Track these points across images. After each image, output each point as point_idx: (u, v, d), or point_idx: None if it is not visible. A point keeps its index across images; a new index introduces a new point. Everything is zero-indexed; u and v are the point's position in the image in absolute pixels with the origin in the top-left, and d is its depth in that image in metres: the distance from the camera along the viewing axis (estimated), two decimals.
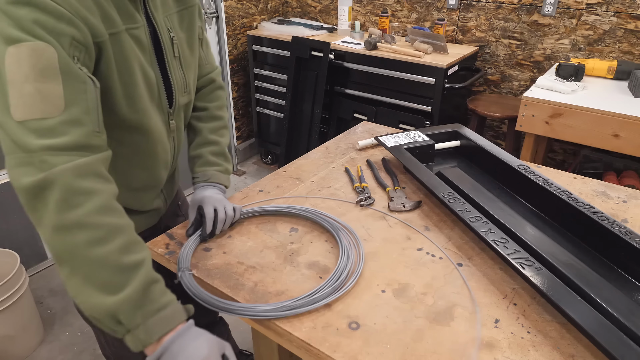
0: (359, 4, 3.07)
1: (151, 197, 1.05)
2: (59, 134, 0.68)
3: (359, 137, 1.54)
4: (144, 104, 0.87)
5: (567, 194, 1.06)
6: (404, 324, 0.80)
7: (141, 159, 0.94)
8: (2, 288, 1.69)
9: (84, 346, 1.91)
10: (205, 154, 1.08)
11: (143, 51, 0.86)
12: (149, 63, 0.88)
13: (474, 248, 0.99)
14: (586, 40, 2.39)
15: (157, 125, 0.93)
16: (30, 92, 0.66)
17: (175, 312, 0.70)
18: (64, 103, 0.68)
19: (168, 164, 1.03)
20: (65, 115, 0.68)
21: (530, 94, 1.96)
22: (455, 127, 1.42)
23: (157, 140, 0.94)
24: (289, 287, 0.88)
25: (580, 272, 0.84)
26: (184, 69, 0.97)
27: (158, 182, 1.04)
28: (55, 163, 0.67)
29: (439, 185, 1.10)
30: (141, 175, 0.97)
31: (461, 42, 2.77)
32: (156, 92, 0.91)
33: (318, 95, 2.74)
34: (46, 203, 0.67)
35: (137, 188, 0.98)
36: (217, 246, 1.00)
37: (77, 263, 0.66)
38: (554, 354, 0.74)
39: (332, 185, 1.24)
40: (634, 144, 1.77)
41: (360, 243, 0.99)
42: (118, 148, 0.84)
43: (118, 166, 0.87)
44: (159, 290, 0.71)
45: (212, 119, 1.13)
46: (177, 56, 0.94)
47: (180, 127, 1.04)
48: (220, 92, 1.17)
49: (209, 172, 1.07)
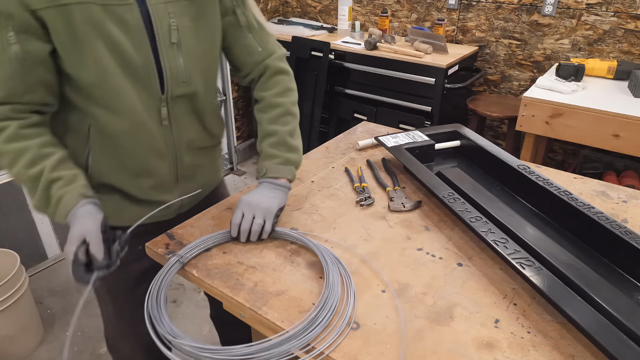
0: (359, 4, 3.07)
1: (150, 185, 1.03)
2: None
3: (359, 137, 1.54)
4: (112, 83, 0.88)
5: (567, 194, 1.06)
6: (404, 324, 0.80)
7: (122, 139, 0.95)
8: (2, 288, 1.69)
9: (84, 346, 1.91)
10: (264, 148, 1.04)
11: (126, 31, 0.86)
12: (135, 45, 0.87)
13: (474, 248, 0.99)
14: (586, 40, 2.39)
15: (139, 109, 0.92)
16: None
17: (69, 199, 0.85)
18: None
19: (162, 152, 1.01)
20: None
21: (530, 94, 1.96)
22: (455, 127, 1.42)
23: (138, 123, 0.94)
24: (289, 287, 0.88)
25: (580, 272, 0.83)
26: (184, 57, 0.94)
27: (152, 169, 1.01)
28: None
29: (439, 185, 1.10)
30: (128, 158, 0.98)
31: (461, 42, 2.77)
32: (142, 75, 0.90)
33: (318, 95, 2.74)
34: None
35: (129, 173, 1.00)
36: (217, 246, 1.00)
37: (18, 181, 0.86)
38: (554, 354, 0.74)
39: (332, 185, 1.24)
40: (634, 144, 1.77)
41: (350, 279, 0.88)
42: (101, 126, 0.92)
43: (107, 149, 0.95)
44: (56, 187, 0.85)
45: (270, 107, 1.06)
46: (175, 43, 0.92)
47: (178, 118, 1.00)
48: (279, 77, 1.09)
49: (267, 164, 1.02)
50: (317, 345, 0.75)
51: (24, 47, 0.81)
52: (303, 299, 0.85)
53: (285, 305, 0.84)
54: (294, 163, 1.04)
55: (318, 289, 0.88)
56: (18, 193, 2.17)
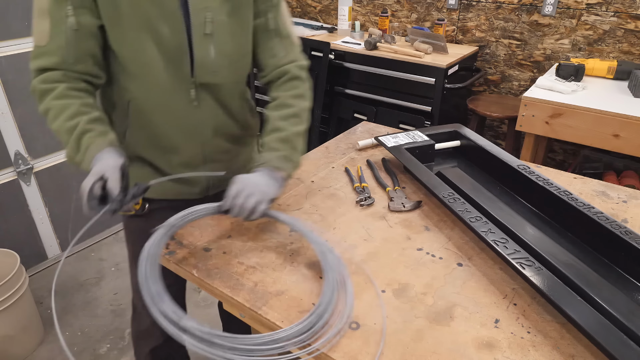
0: (359, 4, 3.07)
1: (178, 162, 1.11)
2: (41, 58, 0.94)
3: (359, 137, 1.54)
4: (148, 60, 0.97)
5: (567, 194, 1.06)
6: (403, 324, 0.80)
7: (154, 115, 1.04)
8: (2, 288, 1.69)
9: (84, 346, 1.91)
10: (269, 141, 1.05)
11: (162, 14, 0.94)
12: (172, 28, 0.96)
13: (474, 248, 0.99)
14: (586, 40, 2.39)
15: (170, 87, 1.01)
16: (34, 24, 0.93)
17: (97, 146, 0.92)
18: (49, 37, 0.92)
19: (188, 131, 1.08)
20: (47, 46, 0.92)
21: (530, 94, 1.96)
22: (455, 127, 1.42)
23: (166, 100, 1.03)
24: (289, 287, 0.88)
25: (580, 272, 0.83)
26: (216, 50, 1.01)
27: (178, 146, 1.09)
28: (35, 77, 0.95)
29: (439, 185, 1.10)
30: (158, 133, 1.06)
31: (461, 42, 2.77)
32: (175, 56, 0.99)
33: (318, 95, 2.74)
34: (38, 104, 0.96)
35: (160, 148, 1.09)
36: (217, 246, 1.00)
37: (60, 137, 0.94)
38: (554, 354, 0.74)
39: (332, 185, 1.24)
40: (634, 144, 1.77)
41: (347, 281, 0.88)
42: (137, 101, 1.02)
43: (143, 123, 1.04)
44: (87, 137, 0.92)
45: (282, 106, 1.09)
46: (209, 34, 0.99)
47: (205, 102, 1.06)
48: (297, 82, 1.12)
49: (266, 157, 1.01)
50: (320, 341, 0.75)
51: (79, 20, 0.91)
52: (303, 299, 0.85)
53: (285, 305, 0.84)
54: (294, 162, 1.05)
55: (318, 289, 0.88)
56: (18, 193, 2.17)
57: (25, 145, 2.15)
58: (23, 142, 2.13)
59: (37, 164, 2.21)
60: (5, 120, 2.04)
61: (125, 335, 1.96)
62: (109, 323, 2.03)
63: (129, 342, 1.93)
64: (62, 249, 2.43)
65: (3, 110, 2.03)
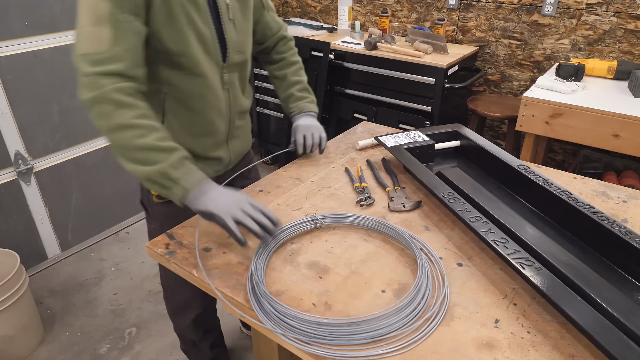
0: (359, 4, 3.07)
1: (210, 144, 1.21)
2: (106, 64, 0.94)
3: (359, 137, 1.54)
4: (194, 53, 1.06)
5: (567, 194, 1.06)
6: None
7: (195, 102, 1.12)
8: (2, 288, 1.69)
9: (84, 346, 1.91)
10: (294, 92, 1.38)
11: (197, 10, 1.04)
12: (204, 21, 1.06)
13: (474, 248, 0.99)
14: (586, 40, 2.39)
15: (210, 74, 1.11)
16: (87, 33, 0.94)
17: (200, 173, 0.99)
18: (111, 43, 0.94)
19: (222, 112, 1.19)
20: (111, 51, 0.94)
21: (530, 94, 1.96)
22: (455, 127, 1.42)
23: (209, 86, 1.12)
24: (289, 287, 0.88)
25: (580, 272, 0.83)
26: (237, 31, 1.15)
27: (214, 128, 1.19)
28: (104, 84, 0.93)
29: (439, 185, 1.10)
30: (197, 120, 1.15)
31: (461, 42, 2.77)
32: (211, 46, 1.09)
33: (318, 95, 2.74)
34: (100, 111, 0.94)
35: (195, 133, 1.17)
36: (217, 246, 1.00)
37: (128, 152, 0.95)
38: (554, 354, 0.74)
39: (332, 185, 1.24)
40: (634, 144, 1.77)
41: (439, 263, 0.93)
42: (177, 93, 1.10)
43: (180, 113, 1.12)
44: (188, 162, 0.99)
45: (290, 64, 1.41)
46: (232, 19, 1.13)
47: (234, 83, 1.20)
48: (290, 42, 1.43)
49: (301, 104, 1.38)
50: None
51: (135, 25, 0.97)
52: (303, 299, 0.85)
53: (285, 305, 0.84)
54: (315, 103, 1.41)
55: (318, 289, 0.88)
56: (18, 193, 2.17)
57: (25, 145, 2.15)
58: (23, 142, 2.13)
59: (37, 164, 2.21)
60: (5, 120, 2.04)
61: (125, 335, 1.96)
62: (109, 323, 2.03)
63: (129, 342, 1.93)
64: (62, 249, 2.43)
65: (3, 110, 2.03)
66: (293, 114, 1.39)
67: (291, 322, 0.79)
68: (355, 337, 0.76)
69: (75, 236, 2.47)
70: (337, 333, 0.76)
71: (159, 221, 1.27)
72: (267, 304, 0.82)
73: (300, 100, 1.38)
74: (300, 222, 1.04)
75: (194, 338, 1.56)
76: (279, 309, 0.81)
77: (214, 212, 0.93)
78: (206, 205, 0.94)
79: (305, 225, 1.04)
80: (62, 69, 2.18)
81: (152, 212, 1.30)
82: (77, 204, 2.42)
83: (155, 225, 1.29)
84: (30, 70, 2.08)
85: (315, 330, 0.77)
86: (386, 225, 1.03)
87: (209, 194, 0.96)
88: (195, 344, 1.60)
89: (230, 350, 1.83)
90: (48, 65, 2.13)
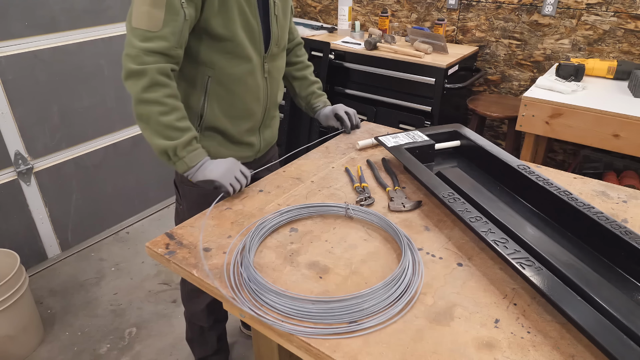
0: (359, 4, 3.07)
1: (246, 128, 1.32)
2: (153, 41, 1.07)
3: (359, 137, 1.55)
4: (240, 39, 1.18)
5: (567, 194, 1.06)
6: (404, 324, 0.80)
7: (236, 85, 1.23)
8: (2, 288, 1.69)
9: (84, 346, 1.91)
10: (315, 90, 1.59)
11: (248, 3, 1.17)
12: (252, 14, 1.19)
13: (474, 248, 0.99)
14: (586, 40, 2.39)
15: (252, 60, 1.23)
16: (144, 11, 1.06)
17: (202, 152, 1.18)
18: (162, 24, 1.07)
19: (260, 99, 1.31)
20: (160, 32, 1.07)
21: (530, 94, 1.96)
22: (455, 127, 1.42)
23: (251, 72, 1.24)
24: (289, 287, 0.88)
25: (580, 272, 0.83)
26: (279, 26, 1.28)
27: (251, 113, 1.31)
28: (148, 62, 1.07)
29: (439, 185, 1.10)
30: (236, 103, 1.26)
31: (461, 42, 2.77)
32: (256, 37, 1.22)
33: None
34: (138, 83, 1.08)
35: (234, 116, 1.28)
36: (217, 246, 1.00)
37: (152, 123, 1.11)
38: (554, 354, 0.74)
39: (332, 185, 1.24)
40: (634, 144, 1.77)
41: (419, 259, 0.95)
42: (220, 76, 1.21)
43: (221, 95, 1.23)
44: (195, 142, 1.17)
45: (308, 66, 1.60)
46: (276, 15, 1.27)
47: (272, 73, 1.32)
48: (303, 48, 1.61)
49: (323, 99, 1.60)
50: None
51: (189, 12, 1.09)
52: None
53: None
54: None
55: (318, 289, 0.88)
56: (18, 193, 2.17)
57: (25, 145, 2.15)
58: (23, 142, 2.13)
59: (37, 164, 2.21)
60: (5, 120, 2.04)
61: (125, 335, 1.96)
62: (109, 323, 2.03)
63: (129, 342, 1.93)
64: (62, 249, 2.43)
65: (3, 110, 2.03)
66: (318, 108, 1.58)
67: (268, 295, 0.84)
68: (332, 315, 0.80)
69: (75, 236, 2.47)
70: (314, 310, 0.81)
71: (189, 202, 1.38)
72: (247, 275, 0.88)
73: (321, 97, 1.60)
74: (332, 205, 1.11)
75: (204, 325, 1.60)
76: (259, 280, 0.86)
77: (215, 179, 1.14)
78: (205, 175, 1.15)
79: (338, 210, 1.10)
80: (62, 69, 2.18)
81: (183, 192, 1.39)
82: (77, 204, 2.42)
83: (185, 205, 1.40)
84: (30, 70, 2.08)
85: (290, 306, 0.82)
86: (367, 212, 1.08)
87: (207, 167, 1.16)
88: (203, 332, 1.64)
89: (230, 350, 1.83)
90: (48, 65, 2.13)
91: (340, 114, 1.54)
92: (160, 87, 1.09)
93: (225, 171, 1.16)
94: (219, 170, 1.16)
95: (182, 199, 1.41)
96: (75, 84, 2.24)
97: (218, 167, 1.16)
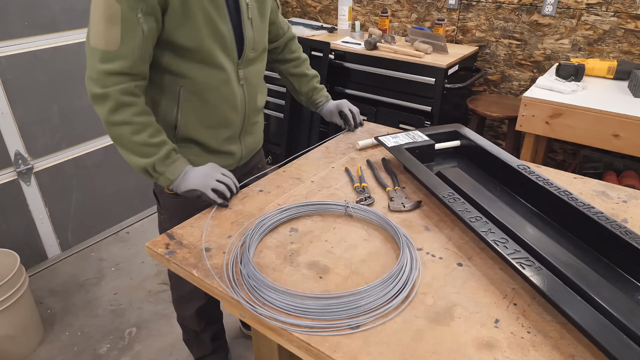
0: (359, 4, 3.07)
1: (225, 137, 1.27)
2: (113, 62, 1.02)
3: (359, 137, 1.54)
4: (208, 48, 1.11)
5: (567, 194, 1.06)
6: (404, 324, 0.80)
7: (210, 94, 1.18)
8: (2, 288, 1.69)
9: (84, 346, 1.91)
10: (316, 85, 1.57)
11: (216, 9, 1.10)
12: (222, 20, 1.12)
13: (474, 248, 0.99)
14: (586, 40, 2.39)
15: (225, 68, 1.17)
16: (100, 30, 1.01)
17: (183, 162, 1.14)
18: (120, 42, 1.01)
19: (237, 107, 1.24)
20: (119, 51, 1.02)
21: (530, 94, 1.96)
22: (455, 127, 1.42)
23: (224, 80, 1.18)
24: (289, 287, 0.88)
25: (580, 272, 0.83)
26: (254, 30, 1.21)
27: (229, 122, 1.25)
28: (110, 84, 1.03)
29: (439, 185, 1.10)
30: (211, 112, 1.20)
31: (461, 42, 2.77)
32: (228, 44, 1.15)
33: None
34: (104, 107, 1.05)
35: (210, 126, 1.22)
36: (217, 246, 1.00)
37: (125, 144, 1.08)
38: (554, 354, 0.74)
39: (332, 185, 1.24)
40: (634, 144, 1.77)
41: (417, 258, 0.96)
42: (192, 85, 1.15)
43: (195, 105, 1.18)
44: (174, 153, 1.13)
45: (304, 60, 1.56)
46: (250, 18, 1.19)
47: (249, 79, 1.25)
48: (296, 40, 1.56)
49: (324, 93, 1.59)
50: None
51: (149, 26, 1.03)
52: None
53: None
54: None
55: (318, 289, 0.88)
56: (18, 193, 2.17)
57: (25, 145, 2.15)
58: (23, 142, 2.13)
59: (37, 164, 2.21)
60: (5, 120, 2.04)
61: (125, 335, 1.96)
62: (109, 323, 2.03)
63: (129, 342, 1.93)
64: (62, 249, 2.43)
65: (3, 110, 2.03)
66: (321, 103, 1.57)
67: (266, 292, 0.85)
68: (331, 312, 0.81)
69: (75, 236, 2.47)
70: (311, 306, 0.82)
71: (169, 212, 1.34)
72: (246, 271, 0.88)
73: (322, 91, 1.58)
74: (332, 203, 1.11)
75: (196, 328, 1.60)
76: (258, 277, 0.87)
77: (195, 188, 1.11)
78: (187, 186, 1.12)
79: (337, 208, 1.10)
80: (62, 69, 2.18)
81: (163, 203, 1.35)
82: (77, 204, 2.42)
83: (166, 216, 1.36)
84: (30, 70, 2.08)
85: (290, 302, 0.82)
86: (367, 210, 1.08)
87: (188, 176, 1.13)
88: (197, 335, 1.63)
89: (230, 350, 1.83)
90: (48, 65, 2.13)
91: (345, 112, 1.54)
92: (126, 108, 1.05)
93: (203, 177, 1.13)
94: (197, 179, 1.12)
95: (162, 209, 1.38)
96: (75, 84, 2.24)
97: (196, 175, 1.13)
